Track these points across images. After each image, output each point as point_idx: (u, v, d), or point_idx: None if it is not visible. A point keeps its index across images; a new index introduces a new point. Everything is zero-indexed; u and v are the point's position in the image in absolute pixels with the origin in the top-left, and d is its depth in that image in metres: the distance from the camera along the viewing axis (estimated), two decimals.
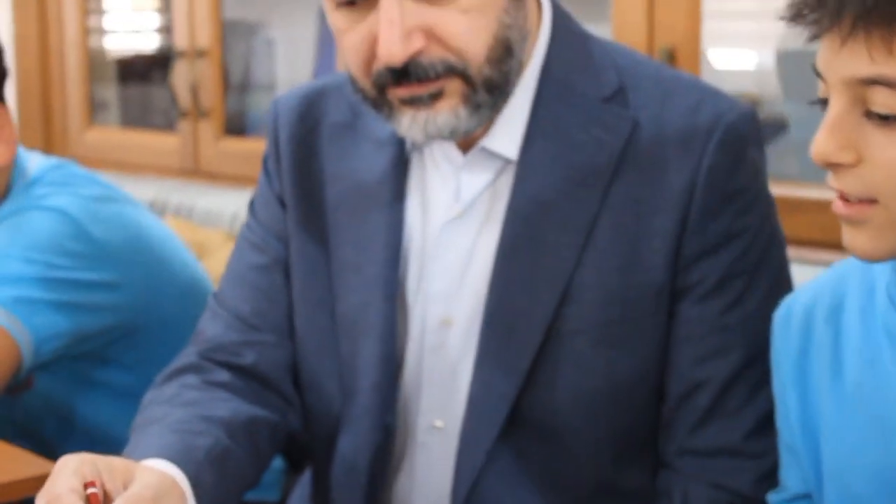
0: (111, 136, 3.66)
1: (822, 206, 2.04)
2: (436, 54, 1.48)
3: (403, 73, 1.48)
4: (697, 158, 1.53)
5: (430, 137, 1.54)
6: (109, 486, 1.33)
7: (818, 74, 1.21)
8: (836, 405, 1.36)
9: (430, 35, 1.47)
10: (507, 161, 1.59)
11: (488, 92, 1.52)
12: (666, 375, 1.58)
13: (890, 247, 1.21)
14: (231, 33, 3.38)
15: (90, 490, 1.31)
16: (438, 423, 1.64)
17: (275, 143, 1.75)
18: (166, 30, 3.43)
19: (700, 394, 1.55)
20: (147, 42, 3.84)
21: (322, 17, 3.30)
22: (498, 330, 1.57)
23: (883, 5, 1.12)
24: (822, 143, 1.19)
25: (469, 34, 1.48)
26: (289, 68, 3.52)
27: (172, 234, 2.30)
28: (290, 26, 3.48)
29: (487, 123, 1.56)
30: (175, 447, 1.47)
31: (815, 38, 1.19)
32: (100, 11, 3.81)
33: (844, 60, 1.16)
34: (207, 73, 3.25)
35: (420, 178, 1.65)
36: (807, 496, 1.43)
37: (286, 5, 3.45)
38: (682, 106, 1.57)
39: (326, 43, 3.31)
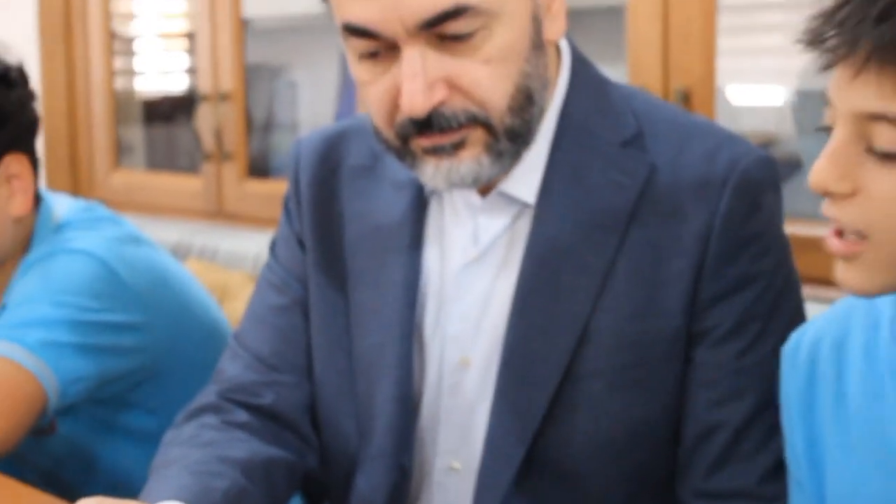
0: (137, 178, 3.67)
1: None
2: (458, 104, 1.48)
3: (426, 124, 1.48)
4: (714, 204, 1.53)
5: (454, 186, 1.54)
6: None
7: (828, 101, 1.21)
8: (840, 437, 1.36)
9: (453, 86, 1.47)
10: (524, 205, 1.59)
11: (510, 140, 1.52)
12: (682, 418, 1.57)
13: (881, 283, 1.22)
14: (254, 76, 3.40)
15: None
16: (455, 465, 1.63)
17: (296, 184, 1.76)
18: (193, 71, 3.46)
19: (716, 437, 1.55)
20: (175, 83, 3.86)
21: (344, 60, 3.32)
22: (515, 372, 1.57)
23: None
24: (820, 171, 1.20)
25: (491, 84, 1.48)
26: (311, 110, 3.53)
27: (193, 279, 2.31)
28: (313, 68, 3.50)
29: (504, 171, 1.57)
30: (192, 489, 1.48)
31: (829, 66, 1.19)
32: (129, 53, 3.84)
33: (854, 92, 1.17)
34: (231, 116, 3.27)
35: (438, 221, 1.65)
36: None
37: (308, 48, 3.47)
38: (698, 151, 1.57)
39: (348, 85, 3.33)
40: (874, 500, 1.31)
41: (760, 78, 2.67)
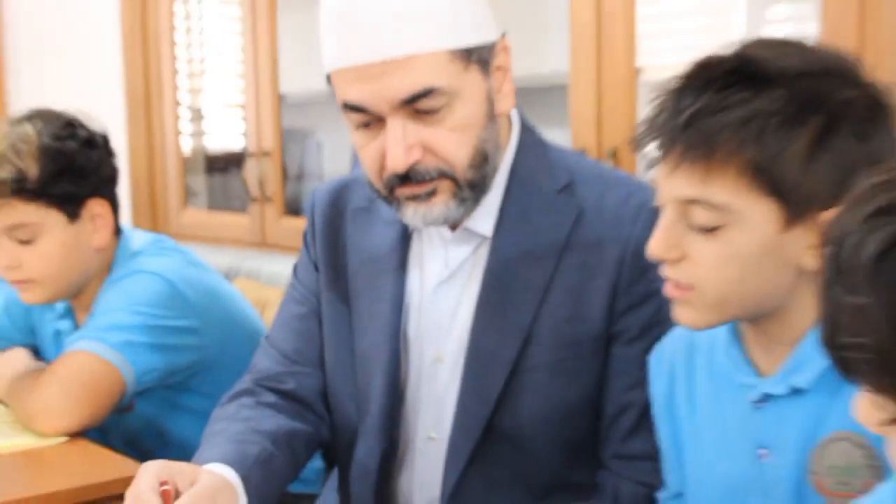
0: (200, 216, 3.68)
1: None
2: (430, 162, 1.51)
3: (406, 177, 1.51)
4: (626, 237, 1.55)
5: (428, 224, 1.56)
6: (180, 485, 1.38)
7: (656, 187, 1.24)
8: (692, 430, 1.38)
9: (426, 148, 1.50)
10: (483, 237, 1.61)
11: (471, 189, 1.54)
12: (602, 399, 1.59)
13: (706, 320, 1.25)
14: (289, 138, 3.40)
15: (164, 487, 1.36)
16: (433, 435, 1.65)
17: (312, 223, 1.78)
18: (242, 134, 3.46)
19: (627, 413, 1.57)
20: (229, 143, 3.86)
21: None
22: (476, 365, 1.59)
23: (703, 141, 1.15)
24: (654, 244, 1.23)
25: (455, 147, 1.51)
26: (333, 164, 3.54)
27: (237, 293, 2.32)
28: (334, 132, 3.48)
29: (467, 213, 1.59)
30: (231, 454, 1.50)
31: (652, 165, 1.22)
32: (195, 119, 3.85)
33: (674, 183, 1.19)
34: (271, 169, 3.28)
35: (419, 250, 1.67)
36: (682, 494, 1.44)
37: (330, 116, 3.44)
38: (615, 197, 1.59)
39: None
40: (719, 477, 1.34)
41: None
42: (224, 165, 3.80)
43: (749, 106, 1.14)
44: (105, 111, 3.62)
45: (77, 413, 1.92)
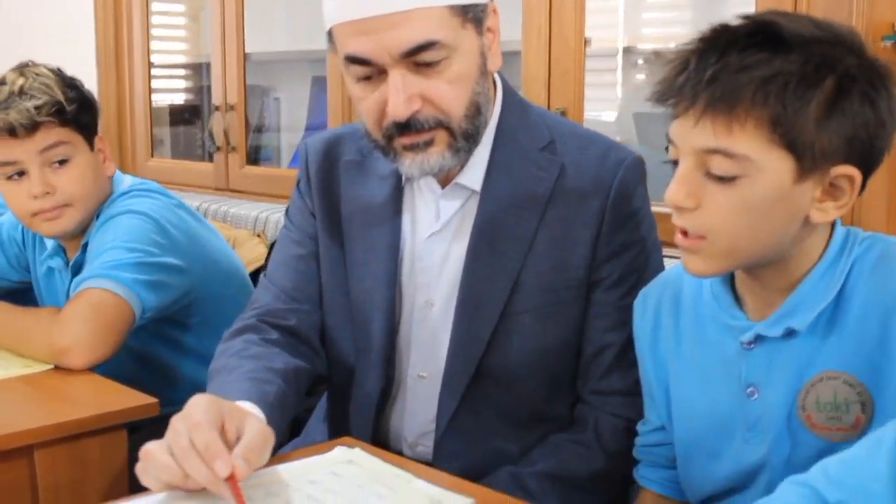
0: (165, 164, 3.51)
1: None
2: (429, 112, 1.40)
3: (406, 126, 1.39)
4: (606, 192, 1.47)
5: (424, 173, 1.45)
6: (228, 426, 1.20)
7: (670, 141, 1.15)
8: (678, 369, 1.31)
9: (425, 99, 1.39)
10: (473, 191, 1.51)
11: (465, 140, 1.43)
12: (582, 340, 1.51)
13: (715, 268, 1.16)
14: (251, 93, 3.25)
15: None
16: (423, 374, 1.55)
17: (306, 172, 1.64)
18: (209, 89, 3.28)
19: (605, 353, 1.50)
20: (192, 98, 3.69)
21: (313, 83, 3.20)
22: (468, 311, 1.49)
23: (726, 96, 1.08)
24: (672, 193, 1.14)
25: (452, 98, 1.40)
26: (289, 118, 3.41)
27: (217, 232, 2.17)
28: (291, 90, 3.37)
29: (459, 165, 1.47)
30: (254, 392, 1.36)
31: (675, 117, 1.14)
32: (162, 75, 3.64)
33: (696, 135, 1.11)
34: (235, 121, 3.12)
35: (411, 203, 1.56)
36: (662, 428, 1.38)
37: (288, 75, 3.35)
38: (594, 154, 1.50)
39: (315, 101, 3.21)
40: (704, 412, 1.28)
41: (611, 105, 2.60)
42: (187, 118, 3.62)
43: (770, 66, 1.07)
44: (77, 66, 3.42)
45: (104, 345, 1.76)
